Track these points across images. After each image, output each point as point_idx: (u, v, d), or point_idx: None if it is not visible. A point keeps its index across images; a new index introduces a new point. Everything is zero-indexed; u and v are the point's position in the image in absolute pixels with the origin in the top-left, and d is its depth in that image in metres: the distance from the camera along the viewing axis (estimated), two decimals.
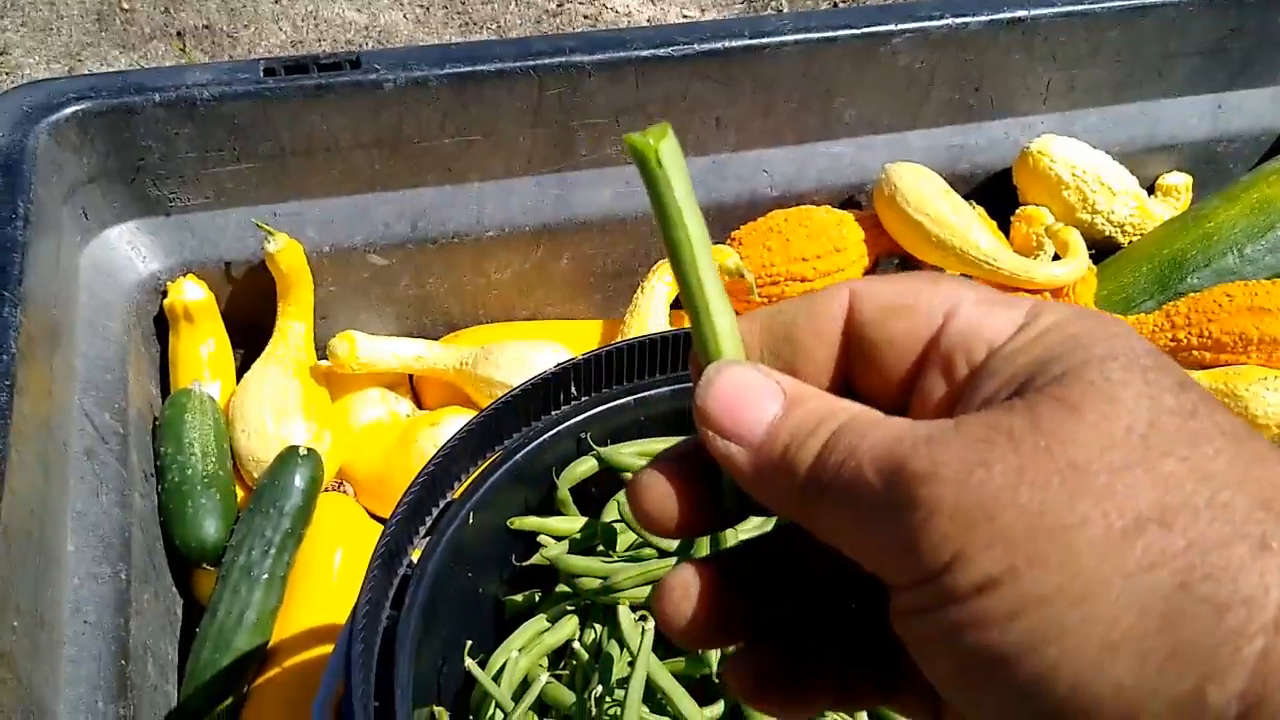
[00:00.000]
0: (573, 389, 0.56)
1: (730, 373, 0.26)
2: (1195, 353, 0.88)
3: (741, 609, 0.27)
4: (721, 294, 0.27)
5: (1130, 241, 1.00)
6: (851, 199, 1.00)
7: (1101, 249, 0.99)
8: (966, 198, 0.97)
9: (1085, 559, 0.20)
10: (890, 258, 1.00)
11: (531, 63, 0.84)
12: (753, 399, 0.25)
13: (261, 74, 0.81)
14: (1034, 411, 0.22)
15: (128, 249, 0.84)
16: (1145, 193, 1.01)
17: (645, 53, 0.87)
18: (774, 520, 0.49)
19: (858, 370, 0.27)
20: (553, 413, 0.56)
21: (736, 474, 0.26)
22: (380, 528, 0.84)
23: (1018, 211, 0.99)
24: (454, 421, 0.85)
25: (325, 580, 0.78)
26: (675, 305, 0.92)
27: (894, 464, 0.22)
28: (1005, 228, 0.99)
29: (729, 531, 0.49)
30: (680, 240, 0.26)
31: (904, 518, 0.22)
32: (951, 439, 0.22)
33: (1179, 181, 1.04)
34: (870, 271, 0.98)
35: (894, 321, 0.26)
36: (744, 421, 0.25)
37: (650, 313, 0.90)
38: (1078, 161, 0.97)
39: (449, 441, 0.51)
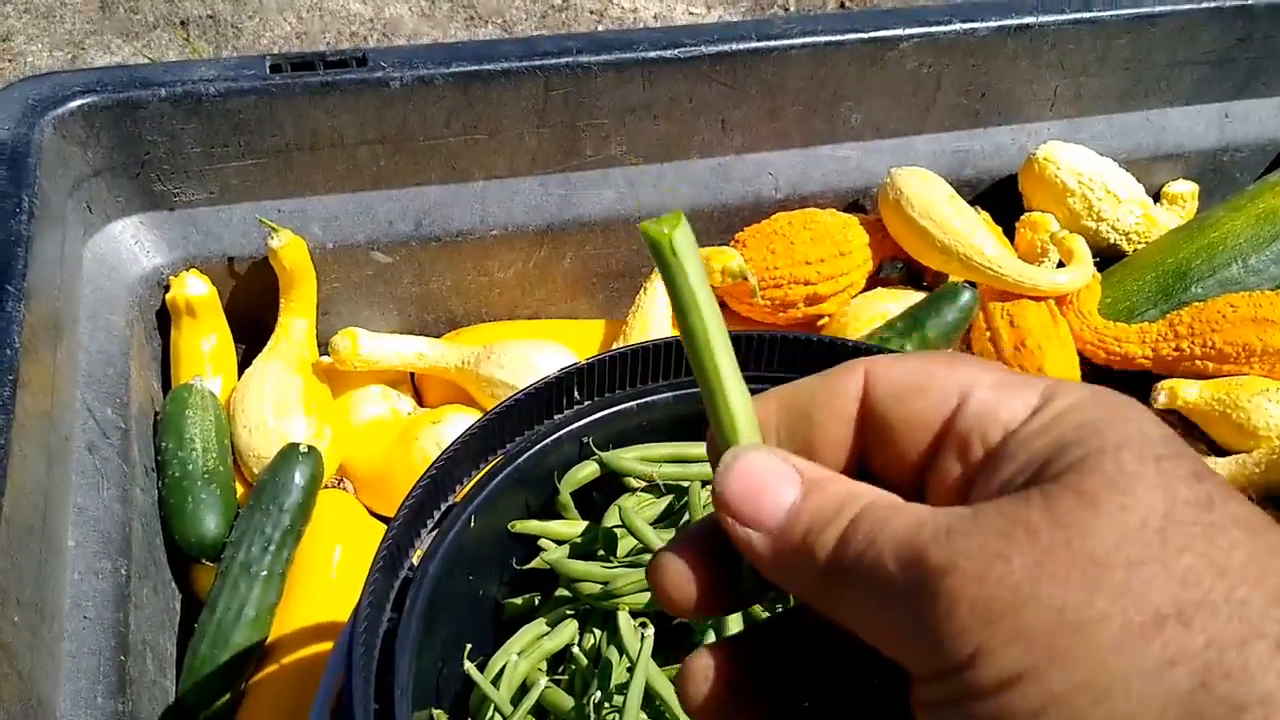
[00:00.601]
0: (576, 393, 0.56)
1: (748, 459, 0.26)
2: (1198, 363, 0.88)
3: (762, 688, 0.28)
4: (737, 376, 0.27)
5: (1135, 249, 1.00)
6: (856, 203, 1.00)
7: (1106, 257, 0.99)
8: (972, 203, 0.97)
9: (1106, 656, 0.20)
10: (894, 262, 1.00)
11: (538, 62, 0.84)
12: (771, 484, 0.25)
13: (267, 70, 0.81)
14: (1051, 503, 0.22)
15: (131, 243, 0.84)
16: (1151, 201, 1.01)
17: (652, 54, 0.87)
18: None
19: (874, 449, 0.27)
20: (555, 417, 0.56)
21: (756, 560, 0.26)
22: (379, 525, 0.85)
23: (1023, 218, 0.99)
24: (455, 420, 0.85)
25: (324, 577, 0.78)
26: None
27: (914, 554, 0.22)
28: (1010, 234, 0.99)
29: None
30: (695, 326, 0.27)
31: (925, 610, 0.22)
32: (971, 530, 0.22)
33: (1185, 190, 1.04)
34: (874, 275, 0.98)
35: (910, 403, 0.26)
36: (763, 508, 0.25)
37: (653, 314, 0.90)
38: (1084, 168, 0.97)
39: (451, 445, 0.51)
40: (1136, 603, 0.21)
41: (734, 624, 0.51)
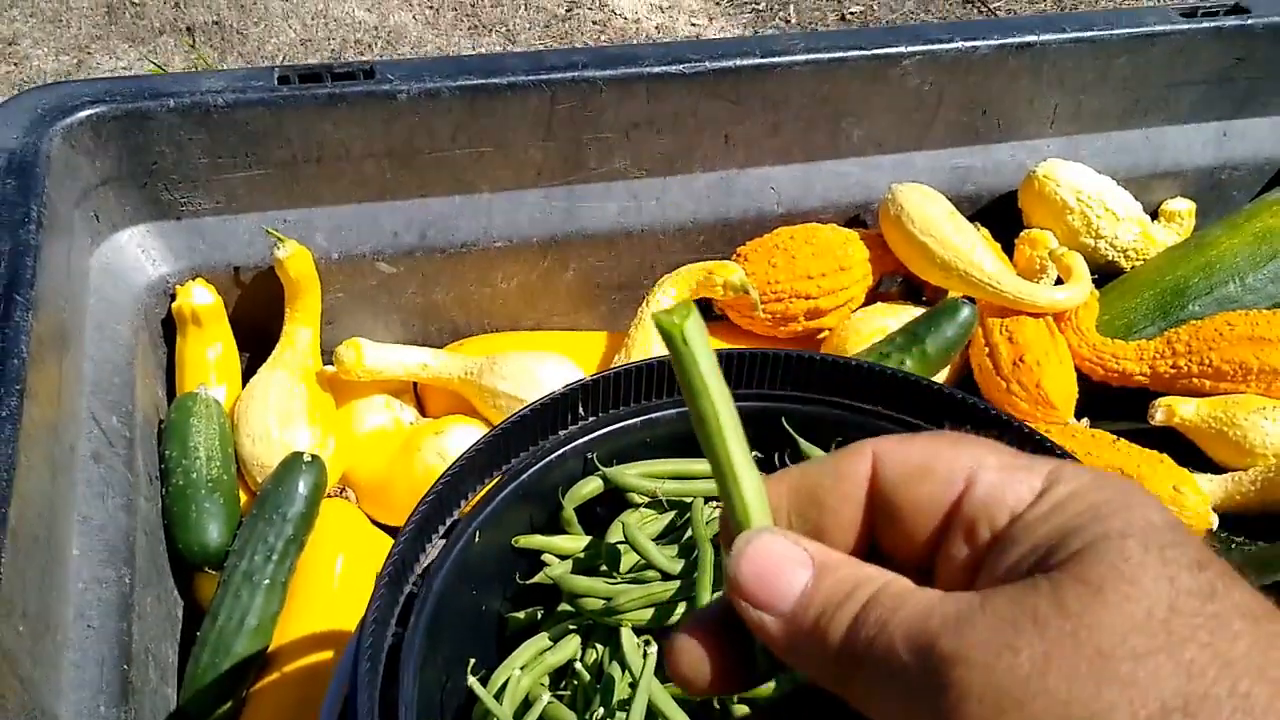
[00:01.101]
0: (580, 409, 0.56)
1: (760, 542, 0.27)
2: (1195, 380, 0.88)
3: None
4: (748, 461, 0.28)
5: (1133, 267, 1.00)
6: (857, 218, 1.01)
7: (1104, 274, 1.00)
8: (971, 219, 0.98)
9: None
10: (894, 277, 1.00)
11: (544, 76, 0.85)
12: (783, 568, 0.26)
13: (275, 82, 0.81)
14: (1058, 593, 0.23)
15: (138, 252, 0.84)
16: (1149, 218, 1.02)
17: (657, 69, 0.87)
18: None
19: (883, 529, 0.28)
20: (560, 432, 0.56)
21: (769, 642, 0.26)
22: (382, 534, 0.85)
23: (1022, 234, 1.00)
24: (457, 430, 0.85)
25: (326, 587, 0.79)
26: None
27: (925, 642, 0.23)
28: (1009, 250, 1.00)
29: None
30: (707, 413, 0.27)
31: (936, 699, 0.23)
32: (979, 619, 0.23)
33: (1182, 208, 1.05)
34: (874, 290, 0.99)
35: (917, 486, 0.27)
36: (775, 591, 0.26)
37: (655, 328, 0.90)
38: (1083, 186, 0.97)
39: (457, 460, 0.51)
40: (1142, 695, 0.21)
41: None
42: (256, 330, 0.90)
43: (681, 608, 0.54)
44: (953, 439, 0.28)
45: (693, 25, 2.07)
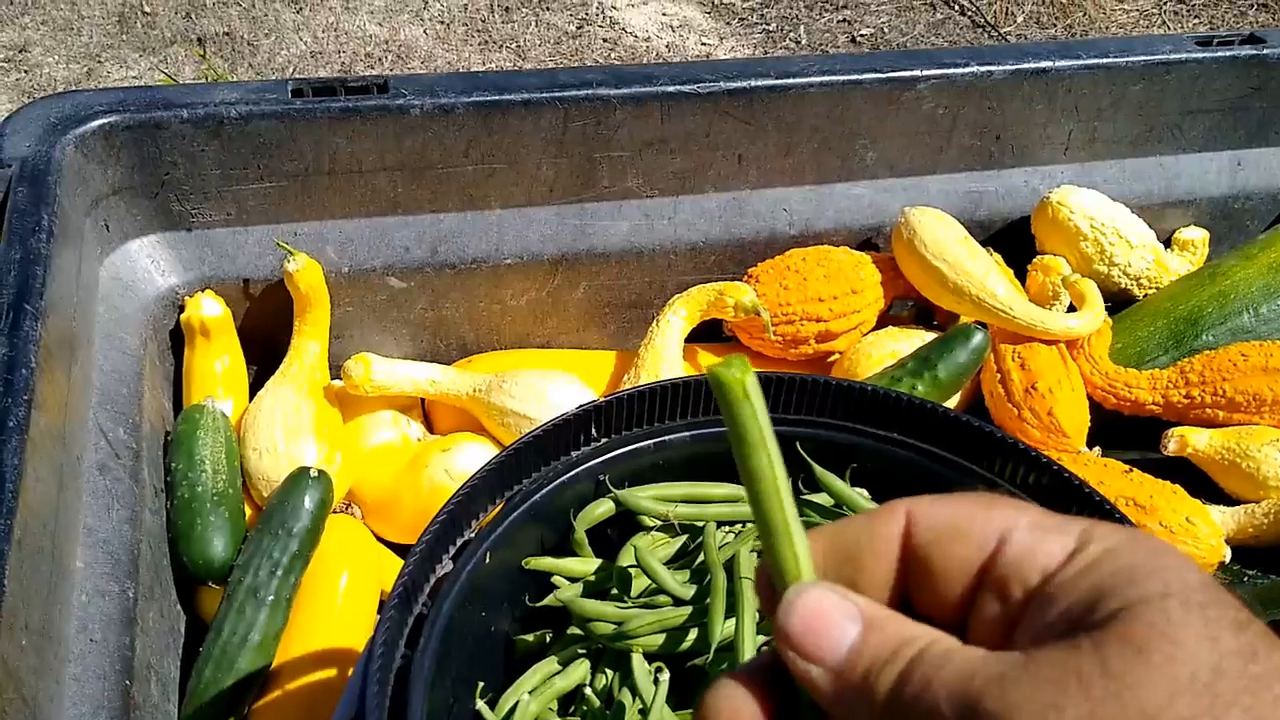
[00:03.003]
0: (593, 430, 0.56)
1: (810, 595, 0.27)
2: (1209, 411, 0.88)
3: None
4: (797, 517, 0.28)
5: (1145, 295, 1.00)
6: (869, 241, 1.00)
7: (1117, 301, 0.99)
8: (984, 244, 0.97)
9: None
10: (906, 301, 1.00)
11: (558, 94, 0.85)
12: (833, 621, 0.27)
13: (289, 95, 0.81)
14: (1101, 653, 0.23)
15: (147, 262, 0.84)
16: (1162, 246, 1.01)
17: (671, 88, 0.87)
18: None
19: (916, 587, 0.28)
20: (572, 454, 0.56)
21: (817, 694, 0.27)
22: (387, 551, 0.85)
23: (1035, 260, 0.99)
24: (465, 447, 0.85)
25: (330, 603, 0.78)
26: (689, 339, 0.92)
27: (969, 701, 0.23)
28: (1022, 276, 0.99)
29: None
30: (763, 468, 0.28)
31: None
32: (1023, 679, 0.23)
33: (1196, 236, 1.04)
34: (885, 313, 0.98)
35: (949, 546, 0.27)
36: (825, 644, 0.26)
37: (664, 347, 0.90)
38: (1096, 213, 0.97)
39: (469, 480, 0.51)
40: None
41: None
42: (265, 343, 0.89)
43: (693, 634, 0.53)
44: (985, 500, 0.28)
45: (703, 44, 2.08)
